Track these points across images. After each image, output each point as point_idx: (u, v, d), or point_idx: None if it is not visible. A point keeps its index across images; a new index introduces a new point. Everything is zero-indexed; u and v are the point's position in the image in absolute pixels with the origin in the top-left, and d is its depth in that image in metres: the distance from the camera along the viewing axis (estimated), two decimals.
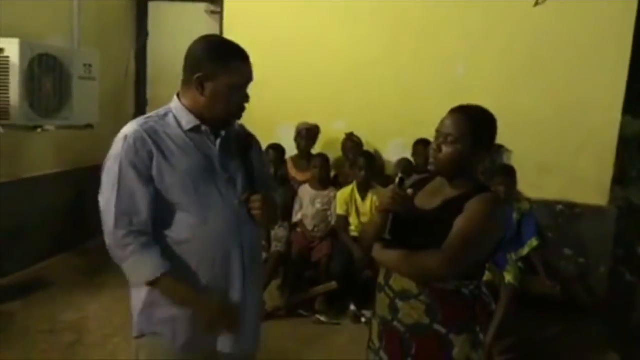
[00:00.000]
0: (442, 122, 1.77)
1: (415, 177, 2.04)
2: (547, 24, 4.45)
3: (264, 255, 4.07)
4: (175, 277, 1.70)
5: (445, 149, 1.73)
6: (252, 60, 1.78)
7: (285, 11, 5.04)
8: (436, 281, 1.72)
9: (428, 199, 1.82)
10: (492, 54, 4.61)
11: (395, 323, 1.80)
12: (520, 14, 4.49)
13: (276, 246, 4.13)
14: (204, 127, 1.75)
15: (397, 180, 1.77)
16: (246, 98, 1.78)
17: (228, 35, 5.07)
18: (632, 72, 4.25)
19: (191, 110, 1.75)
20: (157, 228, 1.72)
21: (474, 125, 1.73)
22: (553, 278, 4.05)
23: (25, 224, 4.32)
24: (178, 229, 1.72)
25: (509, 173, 3.94)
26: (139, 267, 1.67)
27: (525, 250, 3.87)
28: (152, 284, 1.68)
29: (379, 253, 1.83)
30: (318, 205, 4.31)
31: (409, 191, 1.82)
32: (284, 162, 4.63)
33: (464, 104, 1.80)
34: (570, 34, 4.42)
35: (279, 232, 4.23)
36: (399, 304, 1.79)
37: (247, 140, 1.86)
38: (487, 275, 3.63)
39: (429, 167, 1.80)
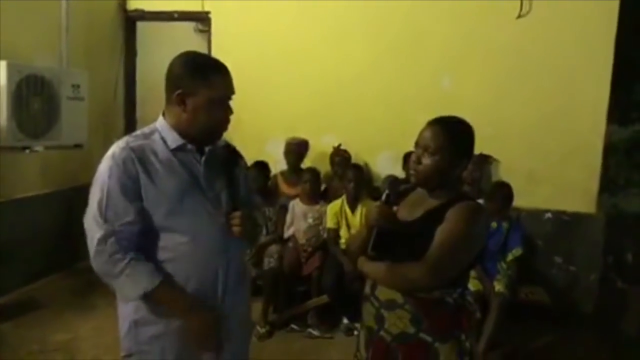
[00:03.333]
0: (420, 134, 1.79)
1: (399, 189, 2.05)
2: (531, 35, 4.52)
3: (254, 271, 4.08)
4: (170, 286, 1.69)
5: (425, 161, 1.75)
6: (241, 76, 1.79)
7: (273, 29, 5.09)
8: (420, 291, 1.73)
9: (410, 210, 1.83)
10: (477, 65, 4.67)
11: (381, 333, 1.81)
12: (504, 25, 4.56)
13: (269, 263, 4.10)
14: (189, 146, 1.76)
15: (383, 196, 1.79)
16: (229, 111, 1.78)
17: (216, 53, 5.13)
18: (615, 80, 4.31)
19: (175, 128, 1.75)
20: (143, 246, 1.71)
21: (452, 136, 1.75)
22: (544, 286, 4.06)
23: (15, 245, 4.30)
24: (165, 247, 1.72)
25: (505, 191, 3.98)
26: (134, 280, 1.64)
27: (508, 258, 3.87)
28: (148, 295, 1.66)
29: (364, 265, 1.84)
30: (310, 220, 4.31)
31: (395, 208, 1.84)
32: (269, 178, 4.64)
33: (443, 115, 1.82)
34: (554, 43, 4.49)
35: (270, 248, 4.23)
36: (385, 313, 1.80)
37: (233, 156, 1.86)
38: (476, 285, 3.66)
39: (410, 179, 1.82)
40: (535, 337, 3.98)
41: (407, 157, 4.50)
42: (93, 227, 1.66)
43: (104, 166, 1.69)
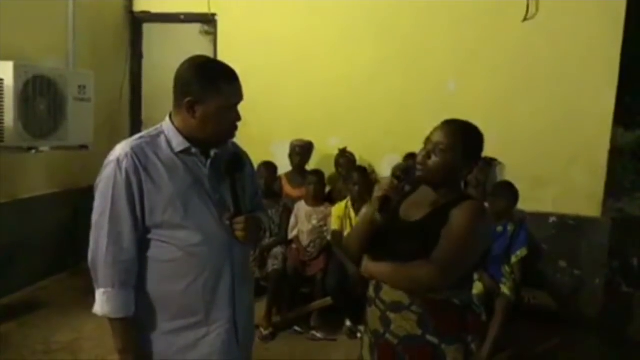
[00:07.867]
0: (433, 131, 1.80)
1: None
2: (536, 39, 4.51)
3: (257, 272, 4.09)
4: (132, 325, 1.76)
5: (435, 158, 1.76)
6: (247, 78, 1.79)
7: (279, 31, 5.10)
8: (428, 292, 1.73)
9: (413, 210, 1.83)
10: (482, 69, 4.66)
11: (387, 336, 1.80)
12: (510, 29, 4.56)
13: (274, 264, 4.10)
14: (193, 149, 1.76)
15: (399, 173, 1.76)
16: (237, 117, 1.78)
17: (222, 55, 5.14)
18: (621, 84, 4.30)
19: (182, 132, 1.75)
20: (148, 248, 1.73)
21: (465, 137, 1.77)
22: (549, 290, 4.04)
23: (20, 245, 4.32)
24: (170, 248, 1.72)
25: (510, 190, 3.96)
26: (107, 300, 1.71)
27: (513, 260, 3.85)
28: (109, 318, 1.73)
29: (369, 266, 1.84)
30: (314, 222, 4.31)
31: (406, 187, 1.83)
32: (276, 179, 4.64)
33: (456, 118, 1.83)
34: (560, 47, 4.48)
35: (275, 249, 4.23)
36: (391, 315, 1.79)
37: (237, 161, 1.86)
38: (479, 288, 3.64)
39: (417, 174, 1.81)
40: (540, 341, 3.96)
41: (406, 158, 4.48)
42: (100, 232, 1.70)
43: (109, 172, 1.69)
